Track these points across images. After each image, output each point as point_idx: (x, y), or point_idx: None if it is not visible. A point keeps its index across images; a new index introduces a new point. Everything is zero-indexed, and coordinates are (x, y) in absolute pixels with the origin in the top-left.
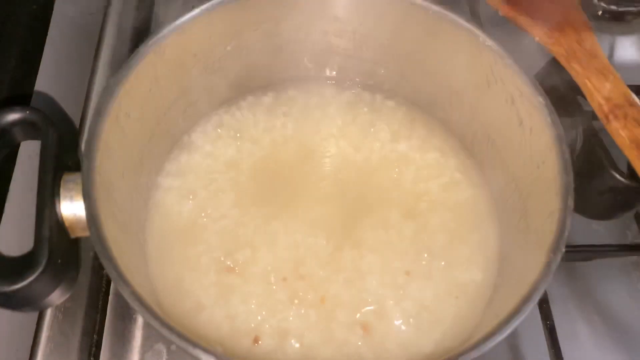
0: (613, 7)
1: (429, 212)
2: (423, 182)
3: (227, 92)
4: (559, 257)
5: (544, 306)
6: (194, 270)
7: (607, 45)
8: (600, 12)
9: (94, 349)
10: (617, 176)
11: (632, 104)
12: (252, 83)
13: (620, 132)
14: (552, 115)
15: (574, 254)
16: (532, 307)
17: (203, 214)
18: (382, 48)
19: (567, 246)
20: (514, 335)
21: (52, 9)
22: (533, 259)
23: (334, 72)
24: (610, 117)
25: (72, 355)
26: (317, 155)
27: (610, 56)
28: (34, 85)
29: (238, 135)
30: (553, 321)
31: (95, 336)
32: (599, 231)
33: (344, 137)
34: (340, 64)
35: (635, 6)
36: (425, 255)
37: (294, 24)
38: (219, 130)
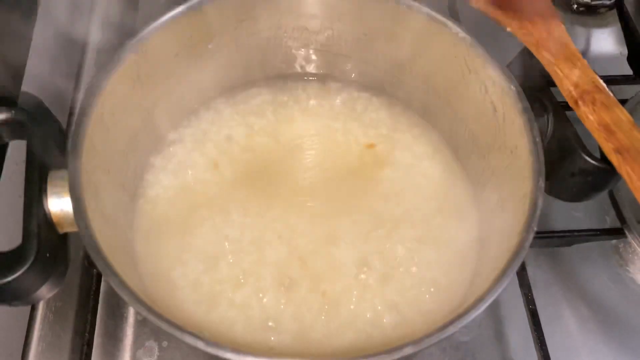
0: (587, 1)
1: (409, 200)
2: (404, 171)
3: (209, 90)
4: (531, 235)
5: (527, 292)
6: (184, 267)
7: (582, 38)
8: (575, 6)
9: (85, 347)
10: (587, 158)
11: (600, 90)
12: (234, 81)
13: (589, 117)
14: (523, 102)
15: (555, 240)
16: (507, 284)
17: (190, 210)
18: (360, 43)
19: (548, 232)
20: (498, 320)
21: (36, 11)
22: (509, 240)
23: (314, 69)
24: (580, 102)
25: (63, 354)
26: (300, 150)
27: (586, 49)
28: (20, 86)
29: (222, 132)
30: (535, 306)
31: (86, 335)
32: (579, 217)
33: (325, 132)
34: (319, 60)
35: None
36: (406, 242)
37: (272, 22)
38: (203, 127)
